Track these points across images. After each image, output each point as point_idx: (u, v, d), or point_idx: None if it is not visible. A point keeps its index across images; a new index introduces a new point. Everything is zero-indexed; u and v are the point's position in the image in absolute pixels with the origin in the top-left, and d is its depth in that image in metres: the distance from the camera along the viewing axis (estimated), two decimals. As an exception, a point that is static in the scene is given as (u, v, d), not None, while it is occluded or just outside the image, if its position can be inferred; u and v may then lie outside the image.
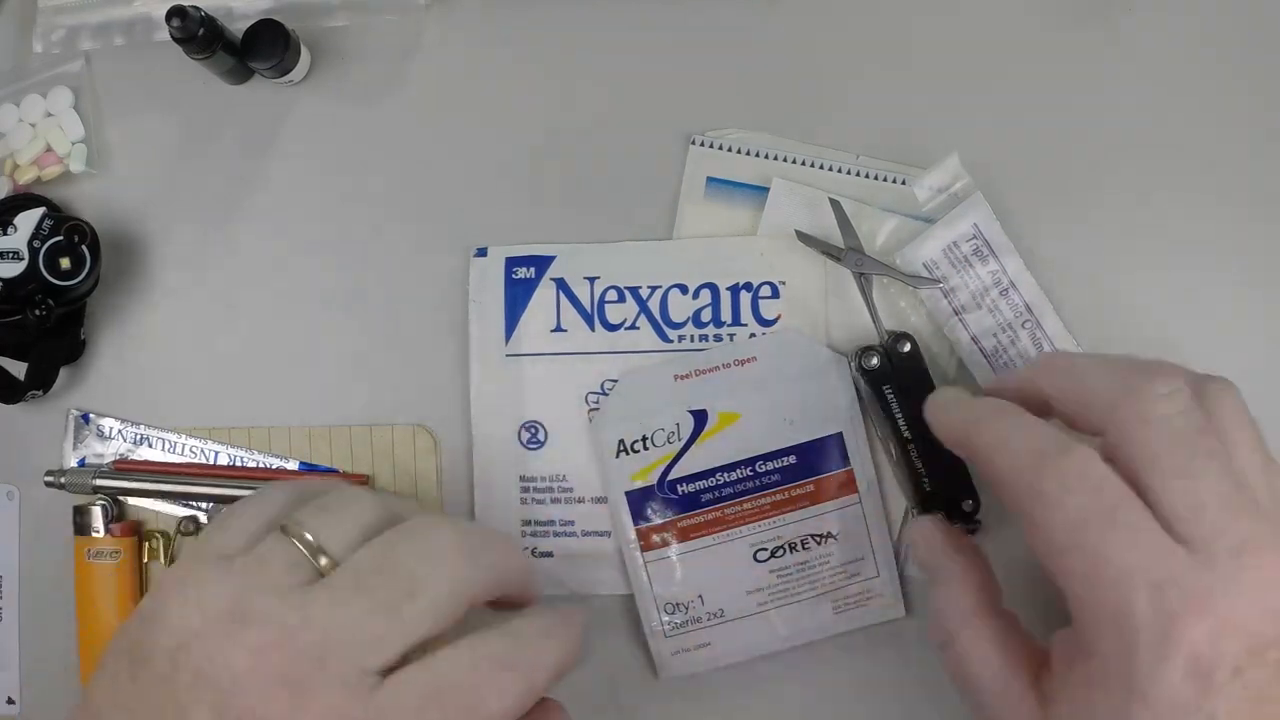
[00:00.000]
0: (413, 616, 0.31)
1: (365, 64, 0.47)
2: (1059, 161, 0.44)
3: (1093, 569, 0.31)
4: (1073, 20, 0.44)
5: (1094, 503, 0.32)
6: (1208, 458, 0.32)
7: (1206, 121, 0.43)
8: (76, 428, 0.47)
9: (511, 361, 0.44)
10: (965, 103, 0.44)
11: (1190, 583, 0.30)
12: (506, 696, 0.32)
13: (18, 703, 0.47)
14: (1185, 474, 0.31)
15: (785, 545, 0.42)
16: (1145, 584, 0.30)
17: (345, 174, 0.47)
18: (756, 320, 0.43)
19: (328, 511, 0.34)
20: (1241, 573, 0.30)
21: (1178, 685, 0.29)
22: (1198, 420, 0.32)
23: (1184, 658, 0.29)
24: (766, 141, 0.44)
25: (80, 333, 0.46)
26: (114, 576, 0.45)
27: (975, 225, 0.42)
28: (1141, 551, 0.31)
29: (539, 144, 0.46)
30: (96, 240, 0.44)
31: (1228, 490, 0.31)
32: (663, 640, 0.42)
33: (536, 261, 0.44)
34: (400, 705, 0.30)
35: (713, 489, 0.42)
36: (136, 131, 0.48)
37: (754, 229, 0.44)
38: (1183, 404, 0.32)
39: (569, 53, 0.46)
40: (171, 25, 0.42)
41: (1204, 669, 0.29)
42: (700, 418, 0.42)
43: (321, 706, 0.30)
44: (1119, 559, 0.31)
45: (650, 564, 0.42)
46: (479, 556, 0.34)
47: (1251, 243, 0.43)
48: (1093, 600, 0.31)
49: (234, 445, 0.46)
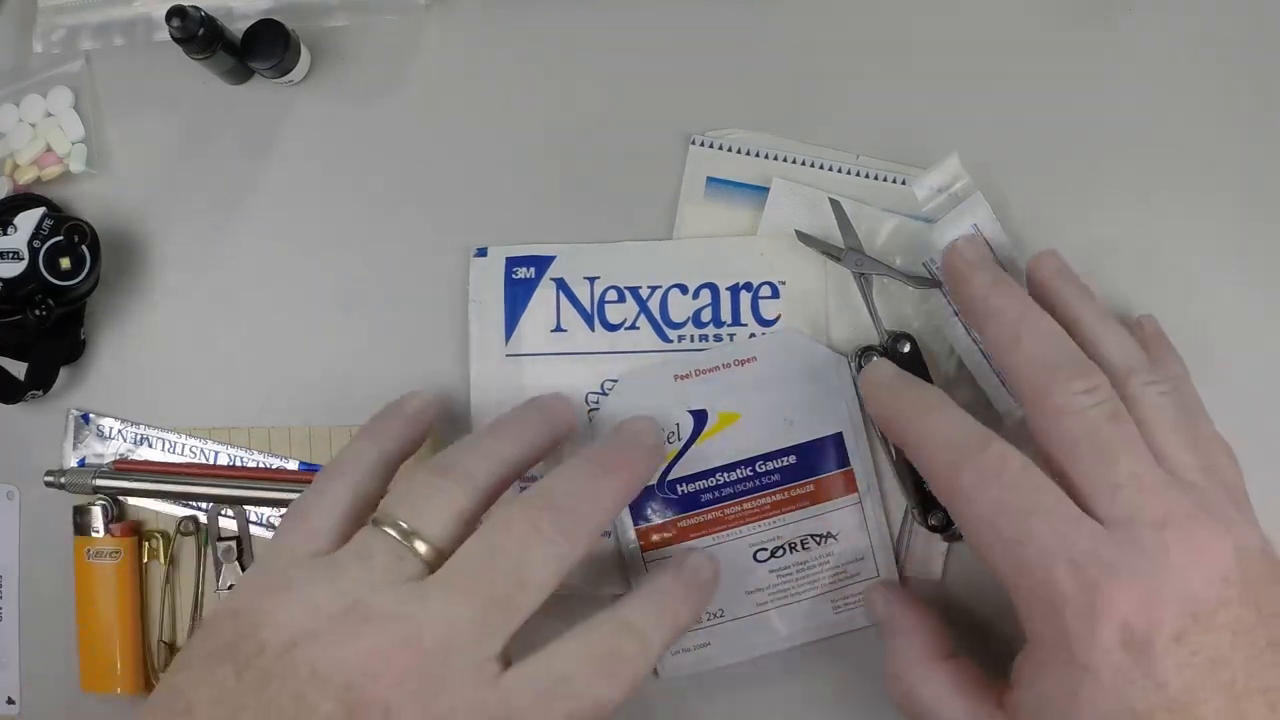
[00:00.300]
0: (524, 603, 0.34)
1: (365, 64, 0.47)
2: (1059, 161, 0.44)
3: (1014, 555, 0.33)
4: (1073, 20, 0.44)
5: (1010, 494, 0.33)
6: (1123, 442, 0.33)
7: (1206, 121, 0.43)
8: (76, 428, 0.47)
9: (512, 361, 0.44)
10: (965, 103, 0.44)
11: (1111, 556, 0.32)
12: (622, 684, 0.34)
13: (18, 703, 0.47)
14: (1100, 459, 0.33)
15: (785, 545, 0.42)
16: (1065, 561, 0.32)
17: (345, 174, 0.47)
18: (756, 320, 0.43)
19: (414, 498, 0.35)
20: (1166, 544, 0.32)
21: (1116, 654, 0.31)
22: (1111, 409, 0.34)
23: (1114, 627, 0.31)
24: (766, 141, 0.44)
25: (80, 333, 0.46)
26: (114, 576, 0.45)
27: (975, 225, 0.42)
28: (1059, 532, 0.32)
29: (539, 144, 0.46)
30: (96, 240, 0.44)
31: (1144, 470, 0.33)
32: None
33: (536, 261, 0.44)
34: (526, 691, 0.33)
35: (713, 489, 0.42)
36: (136, 131, 0.48)
37: (754, 229, 0.44)
38: (1100, 396, 0.34)
39: (569, 53, 0.46)
40: (171, 25, 0.42)
41: (1140, 637, 0.31)
42: (700, 418, 0.42)
43: (453, 698, 0.32)
44: (1037, 541, 0.32)
45: (651, 564, 0.42)
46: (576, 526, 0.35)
47: (1251, 243, 0.43)
48: (1021, 586, 0.33)
49: (234, 445, 0.46)
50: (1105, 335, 0.37)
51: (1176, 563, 0.31)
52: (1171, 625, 0.31)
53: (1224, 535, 0.32)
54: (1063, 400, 0.34)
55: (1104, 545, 0.32)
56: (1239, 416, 0.42)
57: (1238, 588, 0.31)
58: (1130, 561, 0.31)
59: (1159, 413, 0.35)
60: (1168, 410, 0.35)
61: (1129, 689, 0.31)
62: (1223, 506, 0.34)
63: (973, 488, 0.34)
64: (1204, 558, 0.32)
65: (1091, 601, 0.31)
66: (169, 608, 0.46)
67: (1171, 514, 0.32)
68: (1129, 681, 0.31)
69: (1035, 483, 0.33)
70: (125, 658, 0.45)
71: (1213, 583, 0.31)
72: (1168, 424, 0.35)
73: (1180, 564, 0.31)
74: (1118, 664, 0.31)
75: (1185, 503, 0.33)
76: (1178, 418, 0.35)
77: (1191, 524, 0.32)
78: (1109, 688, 0.31)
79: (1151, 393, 0.35)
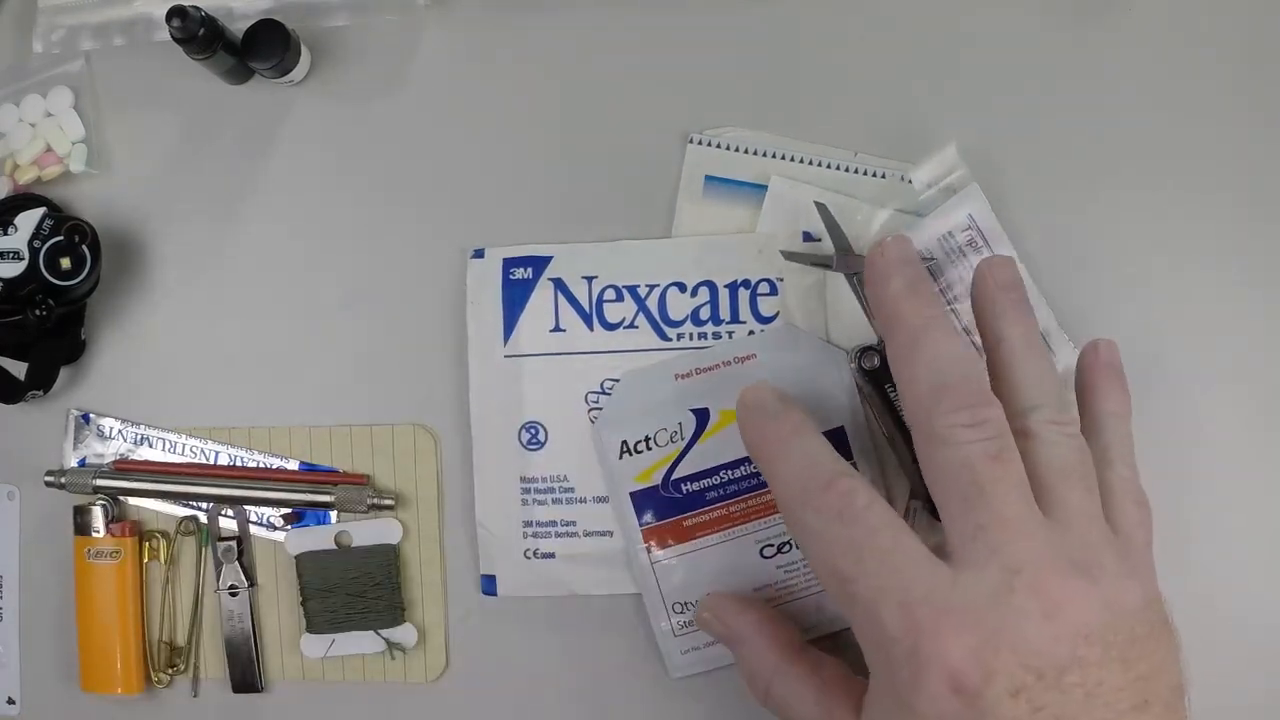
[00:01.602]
0: None
1: (365, 64, 0.47)
2: (1056, 157, 0.44)
3: (848, 594, 0.32)
4: (1073, 19, 0.44)
5: (848, 532, 0.32)
6: (996, 481, 0.31)
7: (1204, 118, 0.44)
8: (76, 428, 0.47)
9: (510, 362, 0.44)
10: (964, 101, 0.44)
11: (946, 599, 0.30)
12: None
13: (18, 703, 0.47)
14: (966, 497, 0.32)
15: (791, 541, 0.42)
16: (895, 603, 0.31)
17: (344, 174, 0.47)
18: (755, 318, 0.43)
19: None
20: (1014, 591, 0.30)
21: (943, 700, 0.29)
22: (994, 448, 0.32)
23: (940, 673, 0.29)
24: (764, 139, 0.44)
25: (80, 333, 0.46)
26: (114, 576, 0.45)
27: (970, 216, 0.42)
28: (892, 573, 0.31)
29: (537, 144, 0.46)
30: (96, 240, 0.44)
31: (1014, 513, 0.31)
32: (672, 639, 0.42)
33: (534, 262, 0.44)
34: None
35: (717, 487, 0.42)
36: (136, 131, 0.48)
37: (752, 227, 0.44)
38: (985, 433, 0.32)
39: (567, 52, 0.46)
40: (171, 25, 0.42)
41: (970, 687, 0.29)
42: (702, 416, 0.42)
43: None
44: (868, 580, 0.31)
45: (657, 564, 0.42)
46: None
47: (1251, 241, 0.43)
48: (855, 624, 0.32)
49: (234, 445, 0.46)
50: (1023, 362, 0.35)
51: (1020, 611, 0.30)
52: (1007, 678, 0.29)
53: (1088, 589, 0.30)
54: (943, 430, 0.32)
55: (943, 588, 0.30)
56: (1239, 416, 0.42)
57: (1099, 647, 0.30)
58: (967, 606, 0.30)
59: (1053, 452, 0.33)
60: (1065, 452, 0.33)
61: None
62: (1102, 557, 0.32)
63: (814, 523, 0.33)
64: (1057, 612, 0.30)
65: (917, 644, 0.30)
66: (169, 608, 0.46)
67: (1029, 562, 0.30)
68: None
69: (877, 521, 0.32)
70: (125, 658, 0.45)
71: (1063, 639, 0.29)
72: (1060, 466, 0.33)
73: (1023, 613, 0.30)
74: (944, 711, 0.29)
75: (1049, 550, 0.31)
76: (1078, 460, 0.33)
77: (1050, 574, 0.30)
78: None
79: (1051, 432, 0.34)
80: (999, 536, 0.31)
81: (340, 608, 0.44)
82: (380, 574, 0.44)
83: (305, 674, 0.45)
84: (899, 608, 0.30)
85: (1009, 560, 0.30)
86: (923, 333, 0.34)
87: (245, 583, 0.45)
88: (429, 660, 0.45)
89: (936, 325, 0.35)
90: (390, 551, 0.45)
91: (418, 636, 0.44)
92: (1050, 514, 0.32)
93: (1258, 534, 0.42)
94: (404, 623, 0.44)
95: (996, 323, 0.36)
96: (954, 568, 0.31)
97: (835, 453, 0.35)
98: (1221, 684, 0.41)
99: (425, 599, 0.45)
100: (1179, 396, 0.42)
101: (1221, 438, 0.42)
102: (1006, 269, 0.37)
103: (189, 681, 0.46)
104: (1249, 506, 0.42)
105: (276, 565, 0.46)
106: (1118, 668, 0.30)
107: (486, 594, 0.44)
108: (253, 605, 0.45)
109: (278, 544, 0.46)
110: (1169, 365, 0.42)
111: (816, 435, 0.36)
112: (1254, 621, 0.42)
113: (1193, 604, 0.41)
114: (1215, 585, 0.41)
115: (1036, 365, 0.35)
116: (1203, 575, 0.41)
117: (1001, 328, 0.36)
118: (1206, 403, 0.42)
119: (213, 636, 0.46)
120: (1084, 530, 0.32)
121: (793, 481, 0.34)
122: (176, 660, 0.46)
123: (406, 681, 0.45)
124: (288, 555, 0.45)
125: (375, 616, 0.44)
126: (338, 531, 0.45)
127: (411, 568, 0.45)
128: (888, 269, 0.36)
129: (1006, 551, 0.31)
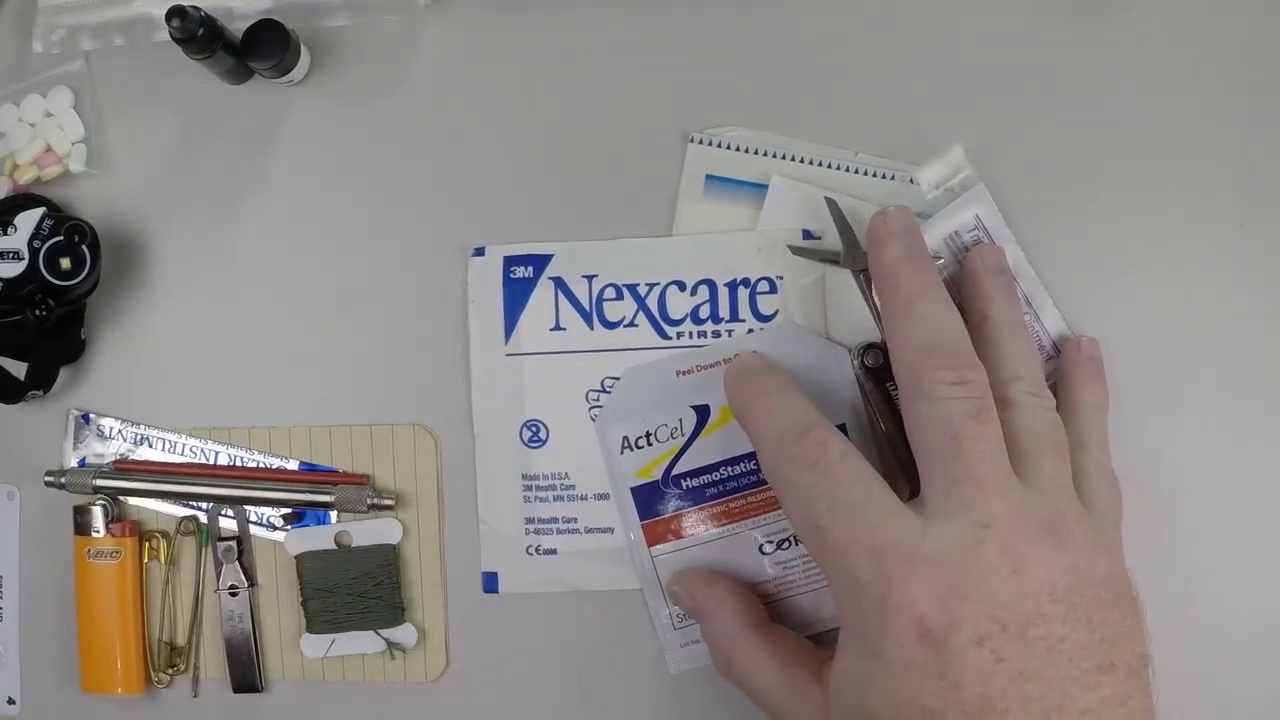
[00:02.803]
0: None
1: (365, 64, 0.47)
2: (1055, 157, 0.44)
3: (819, 542, 0.33)
4: (1073, 19, 0.44)
5: (821, 481, 0.33)
6: (975, 439, 0.32)
7: (1204, 118, 0.44)
8: (76, 428, 0.47)
9: (511, 361, 0.44)
10: (965, 100, 0.44)
11: (916, 549, 0.31)
12: None
13: (18, 703, 0.47)
14: (944, 451, 0.32)
15: (791, 538, 0.42)
16: (866, 549, 0.31)
17: (344, 174, 0.47)
18: (755, 316, 0.43)
19: None
20: (982, 543, 0.31)
21: (909, 647, 0.30)
22: (975, 406, 0.33)
23: (908, 619, 0.30)
24: (765, 139, 0.44)
25: (80, 333, 0.46)
26: (114, 576, 0.45)
27: (977, 216, 0.42)
28: (865, 522, 0.32)
29: (537, 142, 0.46)
30: (96, 240, 0.44)
31: (989, 471, 0.32)
32: (672, 633, 0.43)
33: (534, 260, 0.44)
34: None
35: (717, 483, 0.42)
36: (136, 131, 0.48)
37: (753, 227, 0.44)
38: (968, 392, 0.33)
39: (568, 52, 0.46)
40: (171, 25, 0.42)
41: (935, 633, 0.30)
42: (702, 413, 0.42)
43: None
44: (840, 529, 0.32)
45: (658, 558, 0.42)
46: None
47: (1251, 241, 0.43)
48: (828, 572, 0.33)
49: (234, 445, 0.46)
50: (1007, 339, 0.36)
51: (988, 565, 0.30)
52: (972, 627, 0.30)
53: (1055, 550, 0.31)
54: (928, 386, 0.33)
55: (913, 538, 0.31)
56: (1239, 416, 0.42)
57: (1063, 605, 0.30)
58: (937, 556, 0.31)
59: (1031, 420, 0.34)
60: (1041, 423, 0.34)
61: (922, 684, 0.30)
62: (1071, 523, 0.32)
63: (790, 474, 0.34)
64: (1024, 568, 0.30)
65: (885, 591, 0.31)
66: (169, 608, 0.46)
67: (1000, 518, 0.31)
68: (923, 676, 0.30)
69: (851, 472, 0.33)
70: (125, 658, 0.45)
71: (1029, 595, 0.30)
72: (1037, 434, 0.34)
73: (991, 567, 0.30)
74: (910, 657, 0.30)
75: (1021, 511, 0.32)
76: (1052, 431, 0.34)
77: (1019, 532, 0.31)
78: (900, 679, 0.30)
79: (1030, 401, 0.35)
80: (972, 492, 0.32)
81: (340, 608, 0.44)
82: (380, 574, 0.44)
83: (305, 674, 0.45)
84: (870, 554, 0.31)
85: (980, 516, 0.31)
86: (917, 298, 0.36)
87: (245, 583, 0.45)
88: (429, 660, 0.45)
89: (931, 292, 0.36)
90: (390, 551, 0.45)
91: (418, 636, 0.44)
92: (1024, 478, 0.33)
93: (1258, 534, 0.42)
94: (404, 622, 0.44)
95: (983, 302, 0.38)
96: (926, 519, 0.32)
97: (814, 408, 0.36)
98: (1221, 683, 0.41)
99: (425, 599, 0.45)
100: (1179, 396, 0.42)
101: (1221, 437, 0.42)
102: (996, 255, 0.39)
103: (189, 681, 0.46)
104: (1249, 506, 0.42)
105: (276, 565, 0.46)
106: (1082, 627, 0.30)
107: (488, 591, 0.44)
108: (253, 605, 0.45)
109: (278, 544, 0.46)
110: (1168, 365, 0.42)
111: (797, 391, 0.37)
112: (1249, 622, 0.42)
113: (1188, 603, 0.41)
114: (1215, 585, 0.41)
115: (1019, 342, 0.37)
116: (1202, 576, 0.41)
117: (987, 307, 0.37)
118: (1207, 403, 0.42)
119: (213, 636, 0.46)
120: (1055, 497, 0.33)
121: (770, 434, 0.35)
122: (176, 660, 0.46)
123: (406, 681, 0.45)
124: (288, 555, 0.45)
125: (375, 616, 0.44)
126: (338, 531, 0.45)
127: (411, 568, 0.45)
128: (888, 236, 0.38)
129: (979, 508, 0.31)
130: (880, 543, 0.31)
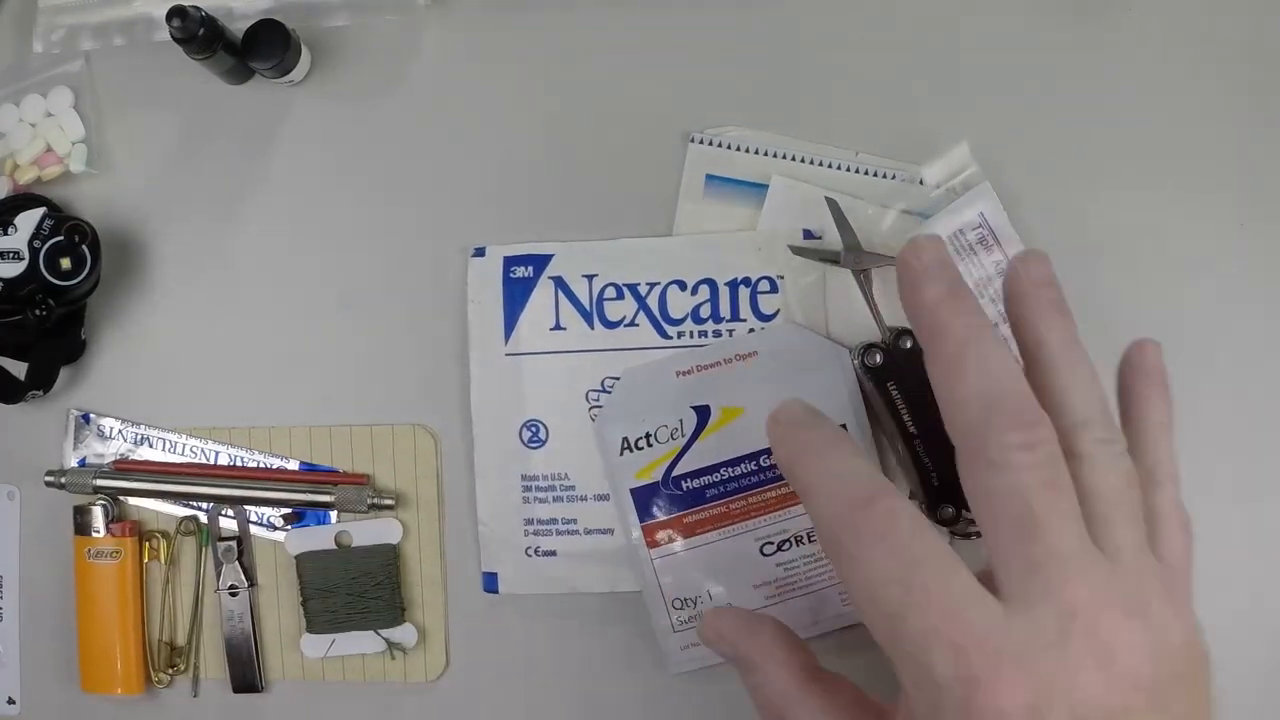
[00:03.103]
0: None
1: (365, 64, 0.47)
2: (1055, 156, 0.44)
3: (892, 630, 0.29)
4: (1073, 19, 0.44)
5: (892, 561, 0.30)
6: (1052, 514, 0.29)
7: (1206, 118, 0.44)
8: (77, 428, 0.47)
9: (511, 360, 0.44)
10: (966, 100, 0.44)
11: (1001, 644, 0.28)
12: None
13: (18, 703, 0.47)
14: (1022, 530, 0.29)
15: (791, 538, 0.42)
16: (946, 645, 0.28)
17: (344, 174, 0.47)
18: (755, 316, 0.43)
19: None
20: (1070, 636, 0.28)
21: None
22: (1048, 474, 0.30)
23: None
24: (765, 139, 0.44)
25: (80, 333, 0.46)
26: (114, 576, 0.45)
27: (981, 214, 0.42)
28: (943, 612, 0.29)
29: (538, 143, 0.46)
30: (97, 240, 0.44)
31: (1070, 549, 0.29)
32: (671, 635, 0.43)
33: (534, 260, 0.44)
34: None
35: (717, 484, 0.42)
36: (136, 131, 0.48)
37: (753, 226, 0.44)
38: (1039, 456, 0.30)
39: (568, 52, 0.46)
40: (171, 25, 0.42)
41: None
42: (703, 413, 0.42)
43: None
44: (916, 620, 0.29)
45: (657, 560, 0.42)
46: None
47: (1251, 241, 0.43)
48: (899, 662, 0.30)
49: (234, 445, 0.46)
50: (1067, 370, 0.33)
51: (1076, 660, 0.28)
52: None
53: (1140, 632, 0.29)
54: (996, 453, 0.30)
55: (997, 632, 0.28)
56: (1238, 416, 0.42)
57: (1146, 694, 0.28)
58: (1023, 654, 0.28)
59: (1105, 479, 0.31)
60: (1115, 478, 0.31)
61: None
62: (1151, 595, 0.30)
63: (855, 549, 0.30)
64: (1110, 659, 0.28)
65: (970, 695, 0.28)
66: (169, 608, 0.46)
67: (1086, 603, 0.29)
68: None
69: (925, 550, 0.30)
70: (125, 658, 0.45)
71: (1115, 690, 0.28)
72: (1113, 493, 0.31)
73: (1079, 662, 0.28)
74: None
75: (1105, 593, 0.29)
76: (1127, 486, 0.31)
77: (1104, 616, 0.29)
78: None
79: (1104, 453, 0.31)
80: (1055, 575, 0.29)
81: (340, 608, 0.44)
82: (380, 574, 0.44)
83: (305, 674, 0.45)
84: (950, 650, 0.28)
85: (1065, 603, 0.29)
86: (968, 344, 0.32)
87: (245, 583, 0.45)
88: (429, 660, 0.45)
89: (982, 335, 0.32)
90: (390, 551, 0.45)
91: (418, 636, 0.44)
92: (1102, 546, 0.30)
93: (1257, 534, 0.42)
94: (404, 622, 0.44)
95: (1035, 324, 0.34)
96: (1006, 606, 0.29)
97: (876, 468, 0.33)
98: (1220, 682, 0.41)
99: (425, 599, 0.45)
100: (1178, 396, 0.42)
101: (1220, 437, 0.42)
102: (1042, 265, 0.35)
103: (189, 681, 0.46)
104: (1248, 506, 0.42)
105: (276, 565, 0.46)
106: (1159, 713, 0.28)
107: (488, 591, 0.44)
108: (253, 605, 0.45)
109: (278, 544, 0.46)
110: (1167, 364, 0.42)
111: (854, 448, 0.33)
112: (1246, 622, 0.42)
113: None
114: (1215, 585, 0.41)
115: (1081, 373, 0.33)
116: (1201, 575, 0.41)
117: (1043, 331, 0.34)
118: (1207, 402, 0.42)
119: (213, 636, 0.46)
120: (1135, 566, 0.30)
121: (828, 498, 0.32)
122: (176, 660, 0.46)
123: (407, 681, 0.45)
124: (288, 555, 0.45)
125: (375, 616, 0.44)
126: (338, 531, 0.45)
127: (411, 567, 0.45)
128: (924, 273, 0.33)
129: (1062, 592, 0.29)
130: (963, 639, 0.28)
